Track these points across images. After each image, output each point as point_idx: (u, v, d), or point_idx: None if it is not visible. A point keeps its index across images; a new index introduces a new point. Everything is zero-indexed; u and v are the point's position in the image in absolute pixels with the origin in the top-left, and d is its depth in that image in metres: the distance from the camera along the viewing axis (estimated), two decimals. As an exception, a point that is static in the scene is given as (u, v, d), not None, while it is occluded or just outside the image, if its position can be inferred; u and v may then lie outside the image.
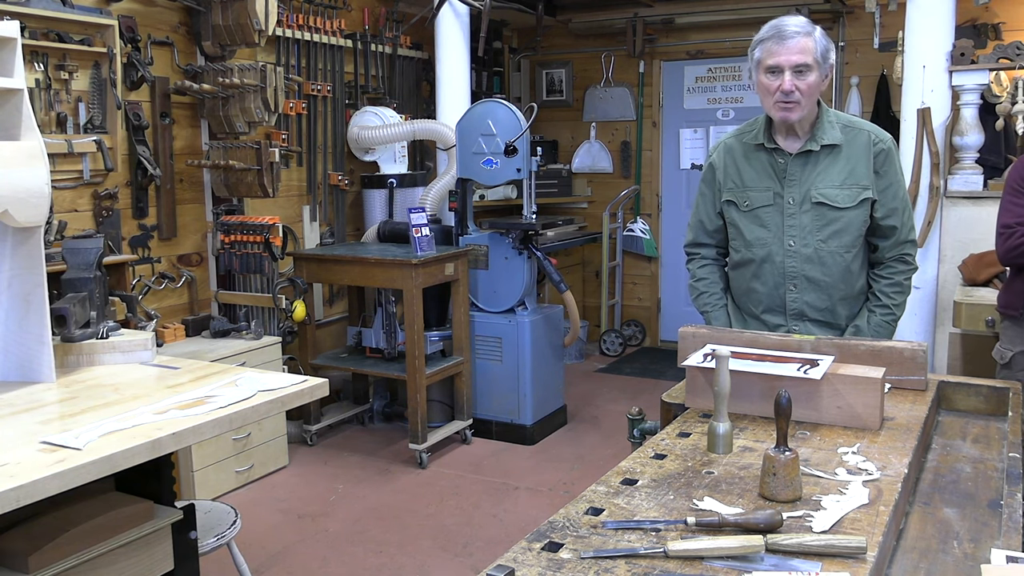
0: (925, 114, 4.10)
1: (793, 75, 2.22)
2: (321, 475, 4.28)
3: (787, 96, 2.23)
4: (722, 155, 2.48)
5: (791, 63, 2.21)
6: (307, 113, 4.93)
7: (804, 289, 2.38)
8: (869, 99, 5.75)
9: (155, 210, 4.15)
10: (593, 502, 1.43)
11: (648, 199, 6.84)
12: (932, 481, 1.64)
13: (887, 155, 2.35)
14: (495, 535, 3.64)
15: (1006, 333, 2.96)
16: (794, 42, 2.21)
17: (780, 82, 2.23)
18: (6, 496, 1.49)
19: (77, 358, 2.33)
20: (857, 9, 5.62)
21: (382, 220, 5.09)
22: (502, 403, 4.80)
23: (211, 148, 4.36)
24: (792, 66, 2.22)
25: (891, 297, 2.39)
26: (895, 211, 2.36)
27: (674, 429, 1.82)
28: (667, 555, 1.23)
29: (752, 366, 1.85)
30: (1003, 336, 2.98)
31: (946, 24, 4.10)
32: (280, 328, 4.52)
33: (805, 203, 2.34)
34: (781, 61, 2.22)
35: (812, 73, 2.23)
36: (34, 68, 3.55)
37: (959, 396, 2.07)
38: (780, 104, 2.26)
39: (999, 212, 2.85)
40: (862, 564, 1.21)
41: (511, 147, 4.58)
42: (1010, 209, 2.79)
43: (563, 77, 7.03)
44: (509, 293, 4.79)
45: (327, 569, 3.35)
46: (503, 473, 4.34)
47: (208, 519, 2.56)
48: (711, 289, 2.55)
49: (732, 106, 6.50)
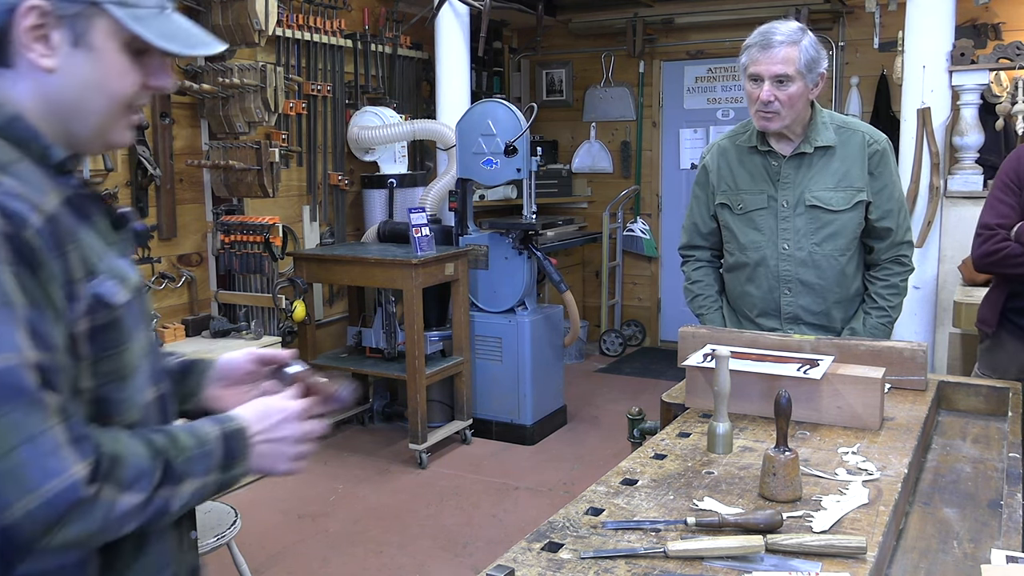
0: (925, 114, 4.10)
1: (773, 85, 2.18)
2: (321, 475, 4.28)
3: (766, 106, 2.21)
4: (715, 157, 2.46)
5: (771, 73, 2.18)
6: (307, 113, 4.93)
7: (799, 293, 2.36)
8: (869, 99, 5.74)
9: (155, 210, 4.15)
10: (593, 502, 1.43)
11: (648, 199, 6.84)
12: (932, 481, 1.64)
13: (882, 156, 2.33)
14: (495, 535, 3.64)
15: (982, 357, 2.70)
16: (777, 51, 2.17)
17: (760, 91, 2.20)
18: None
19: (77, 358, 2.33)
20: (857, 9, 5.62)
21: (382, 220, 5.09)
22: (502, 403, 4.80)
23: (211, 148, 4.36)
24: (772, 76, 2.18)
25: (887, 299, 2.37)
26: (890, 212, 2.34)
27: (674, 429, 1.82)
28: (667, 555, 1.23)
29: (752, 366, 1.85)
30: (980, 359, 2.72)
31: (946, 24, 4.10)
32: (280, 328, 4.52)
33: (799, 206, 2.32)
34: (761, 70, 2.19)
35: (793, 84, 2.18)
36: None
37: (959, 396, 2.07)
38: (760, 113, 2.24)
39: (982, 210, 2.59)
40: (862, 564, 1.21)
41: (511, 147, 4.58)
42: (995, 207, 2.53)
43: (563, 77, 7.03)
44: (509, 293, 4.78)
45: (327, 569, 3.35)
46: (503, 473, 4.34)
47: (208, 519, 2.56)
48: (706, 292, 2.54)
49: (732, 106, 6.50)
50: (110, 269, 1.01)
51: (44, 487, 0.85)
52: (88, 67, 1.00)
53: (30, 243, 0.90)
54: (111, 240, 1.06)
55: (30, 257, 0.90)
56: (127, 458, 0.93)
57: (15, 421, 0.85)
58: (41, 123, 1.00)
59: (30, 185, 0.95)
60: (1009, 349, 2.60)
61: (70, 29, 0.98)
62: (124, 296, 1.01)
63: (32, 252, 0.90)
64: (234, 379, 1.27)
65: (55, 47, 0.98)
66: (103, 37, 1.00)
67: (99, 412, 0.98)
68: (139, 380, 1.05)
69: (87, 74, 1.00)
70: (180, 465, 0.99)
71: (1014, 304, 2.58)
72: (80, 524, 0.88)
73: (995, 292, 2.64)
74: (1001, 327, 2.62)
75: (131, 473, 0.93)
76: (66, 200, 0.99)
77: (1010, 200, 2.51)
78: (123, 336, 1.01)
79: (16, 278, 0.88)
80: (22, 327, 0.88)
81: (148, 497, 0.95)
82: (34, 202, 0.93)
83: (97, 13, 0.99)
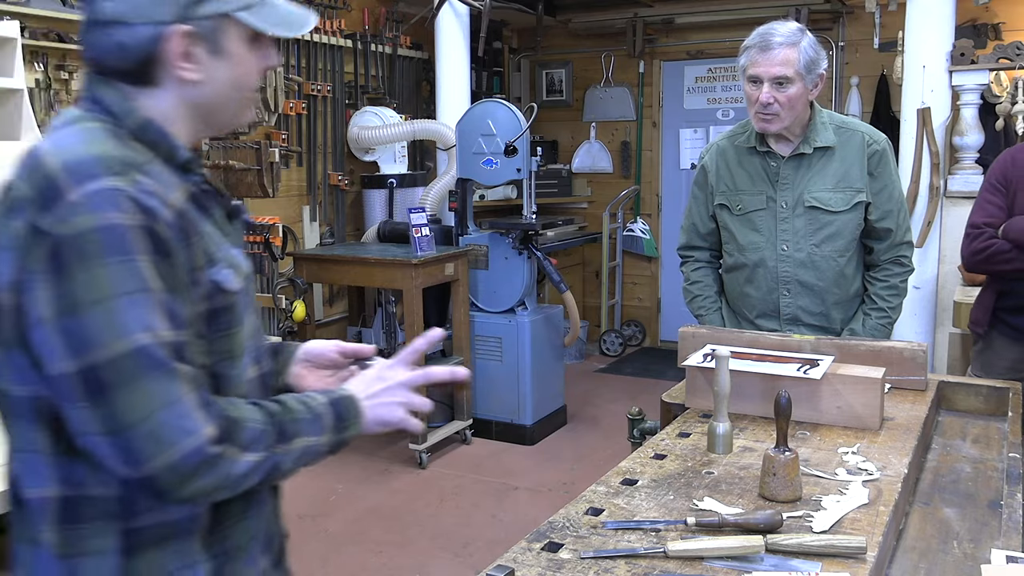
0: (925, 114, 4.10)
1: (773, 87, 2.18)
2: (321, 475, 4.28)
3: (765, 108, 2.20)
4: (714, 157, 2.45)
5: (771, 75, 2.17)
6: (307, 113, 4.93)
7: (798, 294, 2.35)
8: (869, 99, 5.74)
9: (155, 210, 4.15)
10: (593, 502, 1.43)
11: (648, 199, 6.84)
12: (932, 481, 1.64)
13: (881, 156, 2.32)
14: (495, 535, 3.64)
15: (976, 359, 2.74)
16: (776, 53, 2.16)
17: (759, 93, 2.20)
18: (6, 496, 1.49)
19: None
20: (857, 9, 5.62)
21: (382, 220, 5.08)
22: (502, 403, 4.80)
23: (211, 148, 4.36)
24: (772, 78, 2.18)
25: (886, 300, 2.36)
26: (890, 213, 2.33)
27: (674, 429, 1.82)
28: (667, 555, 1.23)
29: (752, 366, 1.85)
30: (973, 361, 2.75)
31: (946, 24, 4.10)
32: (280, 328, 4.52)
33: (798, 207, 2.31)
34: (760, 72, 2.19)
35: (793, 85, 2.18)
36: (34, 68, 3.54)
37: (959, 396, 2.07)
38: (759, 115, 2.23)
39: (971, 210, 2.63)
40: (862, 564, 1.21)
41: (511, 147, 4.58)
42: (983, 207, 2.59)
43: (563, 77, 7.03)
44: (509, 293, 4.78)
45: (327, 569, 3.35)
46: (503, 473, 4.34)
47: (208, 519, 2.56)
48: (705, 292, 2.53)
49: (732, 106, 6.50)
50: (227, 258, 1.13)
51: (179, 445, 0.99)
52: (225, 70, 1.13)
53: (162, 235, 1.02)
54: (227, 231, 1.18)
55: (163, 247, 1.02)
56: (245, 422, 1.06)
57: (155, 390, 0.99)
58: (179, 125, 1.13)
59: (161, 182, 1.06)
60: (999, 347, 2.63)
61: (208, 42, 1.11)
62: (238, 283, 1.13)
63: (164, 242, 1.02)
64: (317, 364, 1.37)
65: (199, 61, 1.10)
66: (233, 41, 1.13)
67: (213, 387, 1.09)
68: (246, 359, 1.16)
69: (225, 76, 1.13)
70: (291, 427, 1.11)
71: (1004, 303, 2.62)
72: (207, 478, 1.02)
73: (986, 293, 2.68)
74: (992, 327, 2.65)
75: (249, 436, 1.06)
76: (190, 195, 1.11)
77: (997, 200, 2.55)
78: (236, 319, 1.13)
79: (153, 266, 1.01)
80: (159, 309, 1.00)
81: (264, 457, 1.07)
82: (165, 198, 1.04)
83: (228, 22, 1.11)
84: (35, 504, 1.07)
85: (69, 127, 1.09)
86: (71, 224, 0.98)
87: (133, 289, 0.99)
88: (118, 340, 0.98)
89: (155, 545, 1.08)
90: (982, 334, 2.68)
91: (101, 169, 1.01)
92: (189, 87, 1.11)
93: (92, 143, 1.05)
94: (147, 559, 1.07)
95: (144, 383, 0.98)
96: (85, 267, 0.97)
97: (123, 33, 1.07)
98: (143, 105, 1.10)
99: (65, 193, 0.99)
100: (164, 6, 1.07)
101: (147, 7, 1.07)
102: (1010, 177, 2.56)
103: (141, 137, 1.09)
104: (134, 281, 0.99)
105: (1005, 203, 2.55)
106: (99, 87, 1.11)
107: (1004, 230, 2.51)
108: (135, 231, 0.99)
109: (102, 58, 1.10)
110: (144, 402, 0.98)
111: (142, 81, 1.10)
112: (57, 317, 0.98)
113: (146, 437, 0.98)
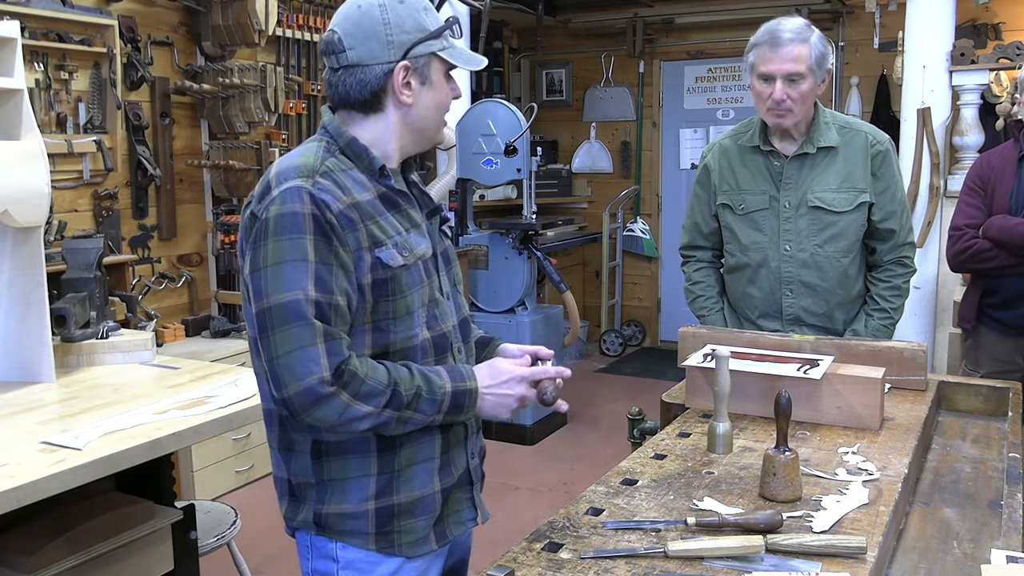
0: (925, 114, 4.10)
1: (785, 83, 2.17)
2: (321, 475, 4.28)
3: (779, 104, 2.19)
4: (717, 157, 2.43)
5: (783, 71, 2.17)
6: (307, 113, 4.93)
7: (800, 294, 2.34)
8: (869, 99, 5.74)
9: (155, 210, 4.15)
10: (593, 502, 1.43)
11: (648, 199, 6.84)
12: (932, 481, 1.64)
13: (885, 157, 2.31)
14: (495, 535, 3.63)
15: (967, 354, 2.81)
16: (788, 50, 2.16)
17: (772, 90, 2.19)
18: (6, 496, 1.49)
19: (77, 358, 2.33)
20: (857, 9, 5.62)
21: (382, 220, 5.08)
22: (502, 403, 4.78)
23: (211, 148, 4.36)
24: (784, 75, 2.17)
25: (889, 301, 2.35)
26: (893, 214, 2.33)
27: (674, 429, 1.82)
28: (667, 555, 1.23)
29: (752, 366, 1.85)
30: (966, 356, 2.82)
31: (946, 24, 4.10)
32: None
33: (801, 207, 2.30)
34: (773, 69, 2.18)
35: (805, 81, 2.18)
36: (34, 68, 3.55)
37: (959, 396, 2.07)
38: (773, 111, 2.23)
39: (953, 213, 2.75)
40: (862, 564, 1.21)
41: (511, 147, 4.58)
42: (963, 210, 2.69)
43: (563, 77, 7.03)
44: (509, 293, 4.78)
45: (327, 569, 3.35)
46: (503, 473, 4.34)
47: (208, 519, 2.56)
48: (707, 292, 2.52)
49: (732, 106, 6.50)
50: (401, 243, 1.42)
51: (304, 379, 1.31)
52: (431, 96, 1.47)
53: (329, 221, 1.34)
54: (415, 223, 1.48)
55: (326, 230, 1.34)
56: (367, 379, 1.34)
57: (296, 334, 1.31)
58: (393, 143, 1.47)
59: (352, 183, 1.40)
60: (988, 342, 2.73)
61: (421, 74, 1.45)
62: (401, 261, 1.41)
63: (329, 227, 1.34)
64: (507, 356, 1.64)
65: (414, 90, 1.45)
66: (437, 73, 1.47)
67: (378, 337, 1.41)
68: (413, 321, 1.44)
69: (431, 101, 1.47)
70: (408, 398, 1.37)
71: (989, 300, 2.73)
72: (322, 411, 1.33)
73: (971, 290, 2.80)
74: (979, 322, 2.76)
75: (366, 389, 1.34)
76: (380, 195, 1.43)
77: (976, 202, 2.69)
78: (398, 288, 1.41)
79: (313, 243, 1.33)
80: (311, 275, 1.32)
81: (374, 411, 1.35)
82: (338, 195, 1.36)
83: (434, 58, 1.45)
84: (266, 414, 1.49)
85: (302, 145, 1.48)
86: (269, 211, 1.35)
87: (297, 258, 1.32)
88: (279, 293, 1.32)
89: (336, 455, 1.43)
90: (970, 330, 2.77)
91: (295, 174, 1.37)
92: (405, 110, 1.45)
93: (302, 156, 1.41)
94: (331, 464, 1.43)
95: (290, 327, 1.31)
96: (270, 240, 1.33)
97: (363, 72, 1.42)
98: (355, 129, 1.45)
99: (272, 190, 1.36)
100: (392, 49, 1.41)
101: (380, 52, 1.41)
102: (986, 179, 2.68)
103: (347, 151, 1.44)
104: (299, 252, 1.32)
105: (983, 204, 2.67)
106: (326, 115, 1.48)
107: (984, 229, 2.63)
108: (307, 218, 1.33)
109: (346, 93, 1.43)
110: (288, 341, 1.31)
111: (373, 108, 1.44)
112: (250, 274, 1.36)
113: (285, 368, 1.31)
